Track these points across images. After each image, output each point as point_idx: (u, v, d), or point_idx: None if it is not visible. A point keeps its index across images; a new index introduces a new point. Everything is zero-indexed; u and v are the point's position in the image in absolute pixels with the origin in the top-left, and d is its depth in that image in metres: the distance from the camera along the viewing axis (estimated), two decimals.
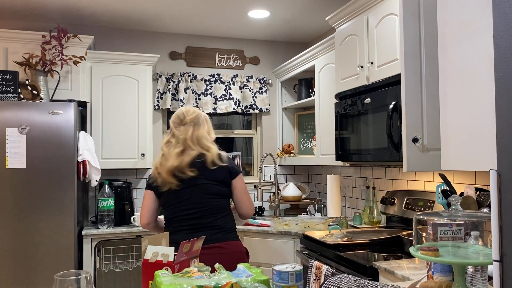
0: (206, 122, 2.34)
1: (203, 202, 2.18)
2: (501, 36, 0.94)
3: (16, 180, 2.90)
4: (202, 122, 2.31)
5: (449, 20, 1.23)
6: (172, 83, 3.93)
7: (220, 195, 2.23)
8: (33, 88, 3.10)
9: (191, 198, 2.18)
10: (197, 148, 2.23)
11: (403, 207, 2.71)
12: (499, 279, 0.90)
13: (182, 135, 2.24)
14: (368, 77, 2.53)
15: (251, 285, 1.19)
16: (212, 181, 2.21)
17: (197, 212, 2.17)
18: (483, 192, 2.07)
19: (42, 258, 2.92)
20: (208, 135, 2.31)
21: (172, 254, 1.48)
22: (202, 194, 2.19)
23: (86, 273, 1.13)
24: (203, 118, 2.33)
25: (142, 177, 3.88)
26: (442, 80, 1.28)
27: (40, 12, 3.45)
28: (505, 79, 0.92)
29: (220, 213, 2.22)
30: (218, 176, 2.22)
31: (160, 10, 3.46)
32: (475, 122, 1.10)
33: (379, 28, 2.44)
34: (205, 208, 2.18)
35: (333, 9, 3.40)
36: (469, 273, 1.34)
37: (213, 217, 2.19)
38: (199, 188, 2.19)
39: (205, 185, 2.20)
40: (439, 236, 1.31)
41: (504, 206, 0.90)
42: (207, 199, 2.19)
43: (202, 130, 2.28)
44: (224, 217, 2.23)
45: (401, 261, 2.12)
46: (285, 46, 4.37)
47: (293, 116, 4.29)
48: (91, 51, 3.49)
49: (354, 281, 1.35)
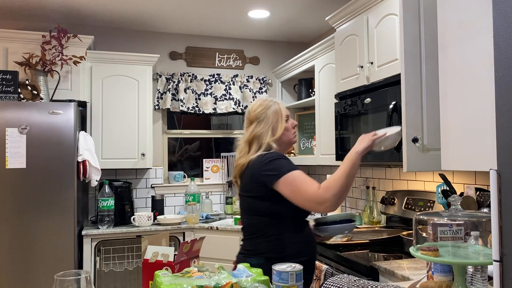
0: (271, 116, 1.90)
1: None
2: (501, 36, 0.94)
3: (16, 180, 2.90)
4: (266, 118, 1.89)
5: (449, 20, 1.23)
6: (172, 83, 3.93)
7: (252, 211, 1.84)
8: (33, 88, 3.10)
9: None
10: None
11: (403, 207, 2.71)
12: (499, 279, 0.90)
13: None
14: (368, 77, 2.53)
15: (251, 285, 1.19)
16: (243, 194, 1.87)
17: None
18: (483, 192, 2.06)
19: (42, 258, 2.92)
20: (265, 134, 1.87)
21: (172, 254, 1.48)
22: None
23: (86, 273, 1.13)
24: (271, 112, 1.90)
25: (142, 177, 3.88)
26: (442, 80, 1.27)
27: (40, 12, 3.44)
28: (505, 79, 0.92)
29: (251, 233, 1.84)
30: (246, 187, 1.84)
31: (160, 10, 3.46)
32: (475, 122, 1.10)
33: (379, 28, 2.44)
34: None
35: (333, 9, 3.40)
36: (469, 273, 1.34)
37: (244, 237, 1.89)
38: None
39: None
40: (439, 236, 1.31)
41: (504, 206, 0.90)
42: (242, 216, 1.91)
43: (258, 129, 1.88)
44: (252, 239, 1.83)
45: (401, 261, 2.12)
46: (285, 46, 4.37)
47: (293, 116, 4.28)
48: (91, 51, 3.49)
49: (354, 281, 1.34)
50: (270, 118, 1.87)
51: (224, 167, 4.14)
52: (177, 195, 3.97)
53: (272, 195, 1.72)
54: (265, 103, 1.91)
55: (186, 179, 4.00)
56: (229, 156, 4.15)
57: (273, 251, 1.74)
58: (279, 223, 1.76)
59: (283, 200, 1.70)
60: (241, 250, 1.87)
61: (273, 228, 1.76)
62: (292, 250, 1.75)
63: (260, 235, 1.78)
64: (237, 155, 1.90)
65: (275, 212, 1.75)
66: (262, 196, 1.75)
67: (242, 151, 1.88)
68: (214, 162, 4.15)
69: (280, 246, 1.75)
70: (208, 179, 4.10)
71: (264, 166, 1.73)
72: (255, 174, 1.75)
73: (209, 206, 3.90)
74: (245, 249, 1.84)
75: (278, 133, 1.86)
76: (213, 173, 4.13)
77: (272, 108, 1.89)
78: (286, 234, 1.76)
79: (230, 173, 4.12)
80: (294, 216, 1.79)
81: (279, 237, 1.75)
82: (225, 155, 4.16)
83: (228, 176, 4.12)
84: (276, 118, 1.88)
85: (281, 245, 1.75)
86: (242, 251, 1.86)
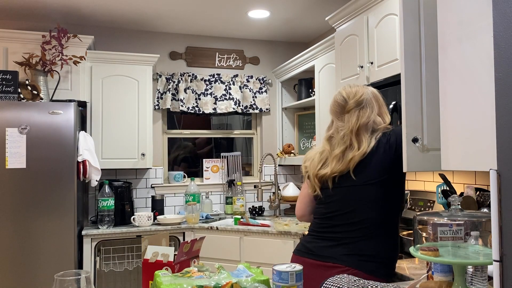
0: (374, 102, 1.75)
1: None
2: (501, 36, 0.94)
3: (16, 180, 2.90)
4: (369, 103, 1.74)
5: (449, 20, 1.23)
6: (172, 83, 3.93)
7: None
8: (33, 88, 3.10)
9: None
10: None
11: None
12: (499, 279, 0.90)
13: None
14: (368, 77, 2.53)
15: (251, 285, 1.19)
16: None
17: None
18: (483, 192, 2.07)
19: (42, 258, 2.92)
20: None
21: (172, 254, 1.48)
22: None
23: (86, 273, 1.13)
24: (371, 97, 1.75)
25: (142, 177, 3.88)
26: (442, 80, 1.27)
27: (40, 12, 3.44)
28: (505, 79, 0.92)
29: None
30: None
31: (160, 10, 3.46)
32: (475, 122, 1.10)
33: (379, 28, 2.44)
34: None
35: (333, 9, 3.40)
36: (469, 273, 1.34)
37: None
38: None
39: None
40: (439, 236, 1.31)
41: (504, 206, 0.90)
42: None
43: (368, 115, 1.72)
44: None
45: (401, 261, 2.12)
46: (285, 46, 4.37)
47: (293, 116, 4.29)
48: (91, 51, 3.49)
49: (354, 281, 1.34)
50: (374, 103, 1.75)
51: (224, 167, 4.14)
52: (177, 195, 3.97)
53: (399, 179, 1.62)
54: (361, 89, 1.77)
55: (186, 179, 4.00)
56: (229, 156, 4.15)
57: (391, 253, 1.64)
58: (394, 220, 1.66)
59: (402, 187, 1.66)
60: (350, 251, 1.63)
61: (391, 227, 1.65)
62: (398, 253, 1.69)
63: (377, 235, 1.63)
64: (335, 146, 1.73)
65: (396, 202, 1.64)
66: (397, 181, 1.65)
67: (345, 143, 1.71)
68: (214, 162, 4.15)
69: (396, 248, 1.66)
70: (208, 179, 4.10)
71: (396, 143, 1.63)
72: (394, 155, 1.62)
73: (209, 206, 3.90)
74: (360, 251, 1.62)
75: (387, 119, 1.74)
76: (213, 173, 4.13)
77: (369, 93, 1.76)
78: (398, 234, 1.70)
79: (230, 172, 4.12)
80: (401, 211, 1.74)
81: (395, 239, 1.67)
82: (225, 155, 4.16)
83: (228, 175, 4.12)
84: (379, 103, 1.77)
85: (396, 248, 1.66)
86: (354, 252, 1.63)
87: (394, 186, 1.65)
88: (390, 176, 1.64)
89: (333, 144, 1.76)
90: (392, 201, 1.66)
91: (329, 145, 1.78)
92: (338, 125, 1.77)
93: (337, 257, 1.64)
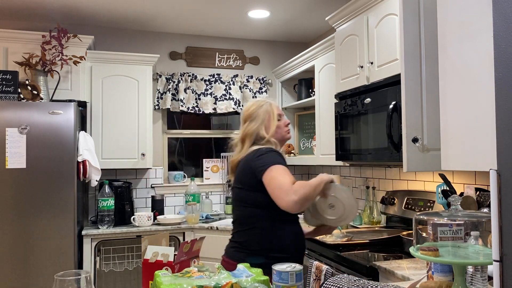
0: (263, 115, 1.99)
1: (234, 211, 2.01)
2: (501, 36, 0.94)
3: (16, 180, 2.90)
4: (257, 116, 1.99)
5: (449, 20, 1.23)
6: (172, 83, 3.94)
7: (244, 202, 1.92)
8: (33, 88, 3.10)
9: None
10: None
11: (403, 207, 2.71)
12: (499, 279, 0.90)
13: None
14: (368, 77, 2.53)
15: (251, 285, 1.19)
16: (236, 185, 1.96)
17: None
18: (483, 192, 2.06)
19: (42, 258, 2.92)
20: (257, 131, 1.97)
21: (172, 254, 1.48)
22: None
23: (86, 273, 1.13)
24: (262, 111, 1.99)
25: (142, 177, 3.88)
26: (442, 80, 1.28)
27: (40, 12, 3.45)
28: (505, 79, 0.92)
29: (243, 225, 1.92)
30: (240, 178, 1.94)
31: (160, 10, 3.46)
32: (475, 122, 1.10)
33: (379, 28, 2.44)
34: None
35: (333, 9, 3.40)
36: (469, 273, 1.34)
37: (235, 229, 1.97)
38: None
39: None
40: (439, 236, 1.31)
41: (504, 206, 0.90)
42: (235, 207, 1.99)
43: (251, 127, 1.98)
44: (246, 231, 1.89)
45: (401, 261, 2.12)
46: (285, 46, 4.37)
47: (293, 116, 4.29)
48: (91, 51, 3.49)
49: (354, 281, 1.35)
50: (261, 116, 1.98)
51: (224, 167, 4.14)
52: (177, 195, 3.97)
53: (263, 186, 1.79)
54: (257, 103, 2.03)
55: (186, 179, 4.00)
56: (229, 156, 4.15)
57: (263, 242, 1.83)
58: (270, 214, 1.82)
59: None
60: (232, 244, 1.94)
61: (265, 219, 1.84)
62: (281, 242, 1.83)
63: (251, 227, 1.86)
64: (234, 152, 2.05)
65: (266, 202, 1.79)
66: (253, 186, 1.83)
67: (237, 148, 2.03)
68: (214, 162, 4.15)
69: (270, 237, 1.83)
70: (208, 179, 4.10)
71: (256, 159, 1.84)
72: (248, 166, 1.86)
73: (209, 206, 3.90)
74: (236, 242, 1.91)
75: (270, 131, 1.96)
76: (213, 173, 4.13)
77: (263, 108, 2.00)
78: (276, 226, 1.84)
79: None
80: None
81: (270, 229, 1.83)
82: (225, 155, 4.16)
83: (228, 175, 4.12)
84: (268, 116, 1.99)
85: (270, 237, 1.83)
86: (233, 244, 1.92)
87: (254, 191, 1.85)
88: (248, 182, 1.87)
89: (234, 149, 2.08)
90: (255, 201, 1.85)
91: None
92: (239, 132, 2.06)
93: (227, 250, 1.94)
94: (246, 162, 1.89)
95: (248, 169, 1.86)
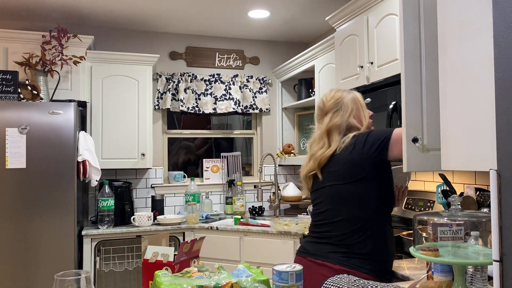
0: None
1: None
2: (501, 36, 0.94)
3: (16, 180, 2.90)
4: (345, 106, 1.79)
5: (449, 20, 1.23)
6: (172, 83, 3.93)
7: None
8: (33, 88, 3.10)
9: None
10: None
11: (403, 207, 2.71)
12: (499, 279, 0.90)
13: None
14: (368, 77, 2.53)
15: (251, 285, 1.19)
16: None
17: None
18: (483, 192, 2.06)
19: (42, 258, 2.92)
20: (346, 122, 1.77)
21: (172, 254, 1.48)
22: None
23: (86, 273, 1.13)
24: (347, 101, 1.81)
25: (142, 177, 3.88)
26: (442, 80, 1.27)
27: (40, 12, 3.44)
28: (505, 79, 0.92)
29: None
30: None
31: (160, 10, 3.46)
32: (475, 122, 1.10)
33: (379, 28, 2.44)
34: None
35: (333, 9, 3.40)
36: (469, 273, 1.34)
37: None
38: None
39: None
40: (439, 236, 1.31)
41: (504, 206, 0.90)
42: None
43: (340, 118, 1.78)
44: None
45: (401, 261, 2.12)
46: (285, 46, 4.37)
47: (293, 116, 4.29)
48: (91, 51, 3.49)
49: (354, 281, 1.35)
50: (349, 106, 1.79)
51: (224, 167, 4.14)
52: (177, 195, 3.97)
53: (377, 177, 1.62)
54: (340, 92, 1.84)
55: (186, 179, 4.00)
56: (229, 156, 4.15)
57: (376, 248, 1.64)
58: (380, 216, 1.67)
59: (385, 185, 1.66)
60: (333, 248, 1.67)
61: (376, 222, 1.65)
62: (393, 249, 1.69)
63: (360, 230, 1.64)
64: (313, 147, 1.82)
65: (378, 199, 1.64)
66: (365, 178, 1.64)
67: (320, 143, 1.79)
68: (214, 162, 4.15)
69: (383, 243, 1.66)
70: (208, 179, 4.10)
71: (369, 141, 1.64)
72: (360, 153, 1.65)
73: (209, 206, 3.90)
74: (341, 245, 1.65)
75: (365, 121, 1.78)
76: (213, 173, 4.12)
77: (350, 96, 1.82)
78: (384, 226, 1.68)
79: (230, 172, 4.12)
80: (389, 208, 1.72)
81: (381, 230, 1.66)
82: (225, 155, 4.16)
83: (228, 175, 4.12)
84: (357, 106, 1.81)
85: (384, 243, 1.66)
86: (339, 249, 1.66)
87: (368, 184, 1.66)
88: (361, 174, 1.66)
89: (313, 145, 1.85)
90: (368, 199, 1.66)
91: (309, 146, 1.88)
92: (317, 127, 1.86)
93: (326, 255, 1.68)
94: (353, 153, 1.67)
95: (361, 157, 1.65)
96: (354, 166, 1.67)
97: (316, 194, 1.82)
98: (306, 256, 1.75)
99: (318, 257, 1.70)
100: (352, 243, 1.64)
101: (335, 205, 1.72)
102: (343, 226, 1.68)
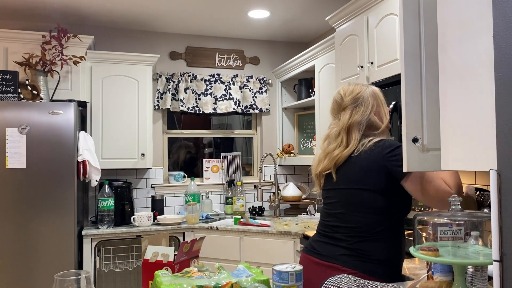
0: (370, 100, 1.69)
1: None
2: (501, 36, 0.94)
3: (16, 180, 2.90)
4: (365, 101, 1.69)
5: (449, 20, 1.23)
6: (172, 83, 3.93)
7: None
8: (33, 88, 3.10)
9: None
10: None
11: None
12: (499, 279, 0.90)
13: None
14: (368, 77, 2.53)
15: (251, 285, 1.19)
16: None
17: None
18: (483, 192, 2.06)
19: (42, 258, 2.92)
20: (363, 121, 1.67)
21: (172, 254, 1.48)
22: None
23: (86, 273, 1.13)
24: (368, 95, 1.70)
25: (142, 177, 3.88)
26: (442, 80, 1.27)
27: (40, 12, 3.44)
28: (505, 79, 0.92)
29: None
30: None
31: (160, 10, 3.46)
32: (475, 122, 1.10)
33: (379, 28, 2.44)
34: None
35: (333, 9, 3.40)
36: (469, 273, 1.34)
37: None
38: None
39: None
40: (439, 236, 1.31)
41: (504, 206, 0.90)
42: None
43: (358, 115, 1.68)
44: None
45: None
46: (285, 46, 4.37)
47: (293, 116, 4.29)
48: (91, 51, 3.49)
49: (354, 281, 1.34)
50: (370, 101, 1.69)
51: (224, 167, 4.14)
52: (177, 195, 3.97)
53: (394, 189, 1.55)
54: (359, 86, 1.74)
55: (186, 179, 4.00)
56: (229, 156, 4.15)
57: (392, 254, 1.61)
58: (396, 223, 1.62)
59: (402, 195, 1.58)
60: (348, 251, 1.63)
61: (390, 228, 1.61)
62: (402, 251, 1.65)
63: (376, 237, 1.60)
64: (329, 144, 1.75)
65: (395, 209, 1.60)
66: (382, 189, 1.58)
67: (337, 141, 1.71)
68: (214, 162, 4.15)
69: (398, 249, 1.62)
70: (208, 179, 4.10)
71: (391, 156, 1.55)
72: (379, 163, 1.57)
73: (209, 206, 3.90)
74: (359, 252, 1.61)
75: (386, 119, 1.69)
76: (213, 172, 4.13)
77: (369, 91, 1.72)
78: (401, 236, 1.64)
79: (230, 172, 4.12)
80: (405, 215, 1.67)
81: (394, 238, 1.62)
82: (225, 155, 4.16)
83: (228, 175, 4.12)
84: (377, 102, 1.71)
85: (399, 249, 1.62)
86: (350, 252, 1.62)
87: (385, 195, 1.60)
88: (379, 185, 1.60)
89: (329, 142, 1.77)
90: (385, 209, 1.61)
91: (324, 143, 1.79)
92: (334, 123, 1.77)
93: (337, 257, 1.64)
94: (372, 159, 1.59)
95: (378, 167, 1.57)
96: (372, 175, 1.60)
97: (329, 193, 1.75)
98: (314, 256, 1.71)
99: (328, 259, 1.65)
100: (366, 248, 1.61)
101: (349, 210, 1.66)
102: (358, 232, 1.63)
